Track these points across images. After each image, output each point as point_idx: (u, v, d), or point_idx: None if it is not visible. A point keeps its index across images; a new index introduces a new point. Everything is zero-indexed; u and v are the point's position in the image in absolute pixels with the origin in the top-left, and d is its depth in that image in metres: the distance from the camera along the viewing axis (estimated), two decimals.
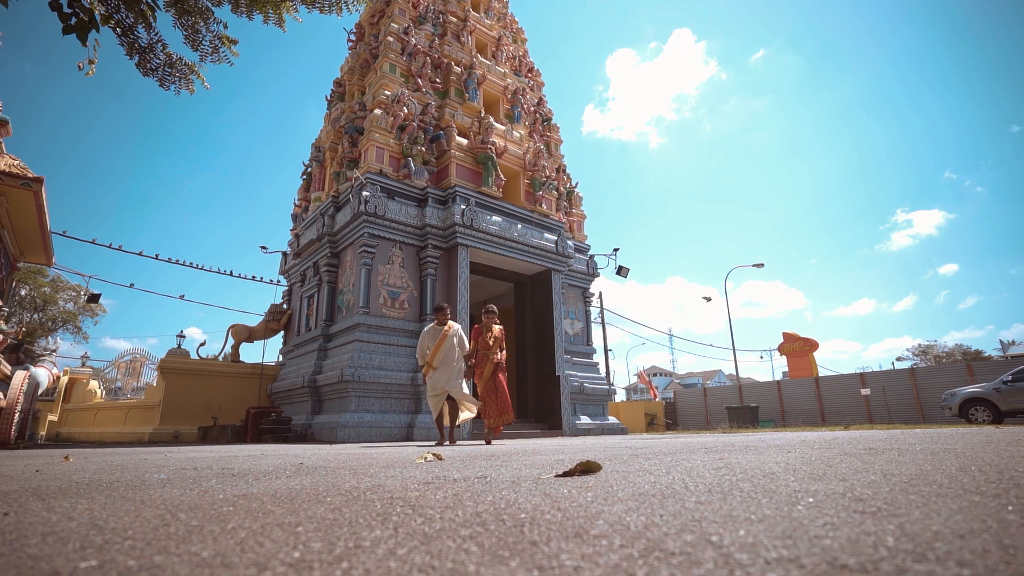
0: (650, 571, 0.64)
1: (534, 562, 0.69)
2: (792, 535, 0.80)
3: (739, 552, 0.71)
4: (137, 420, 10.16)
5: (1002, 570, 0.59)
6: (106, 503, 1.35)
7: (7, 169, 6.51)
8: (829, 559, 0.66)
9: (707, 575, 0.62)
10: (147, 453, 4.33)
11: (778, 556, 0.68)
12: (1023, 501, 1.05)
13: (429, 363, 6.08)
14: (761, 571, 0.62)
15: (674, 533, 0.85)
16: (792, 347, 30.09)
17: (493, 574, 0.64)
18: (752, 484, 1.45)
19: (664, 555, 0.71)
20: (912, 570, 0.60)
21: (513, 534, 0.88)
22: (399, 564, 0.70)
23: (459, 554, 0.74)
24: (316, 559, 0.73)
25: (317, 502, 1.32)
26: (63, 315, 24.88)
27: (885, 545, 0.72)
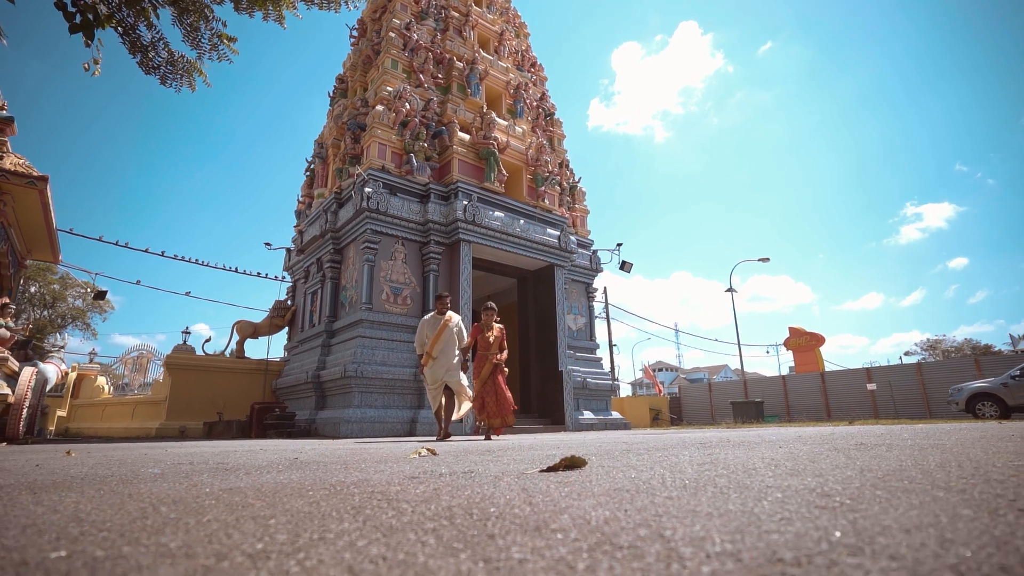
0: (591, 563, 0.66)
1: (483, 554, 0.71)
2: (744, 530, 0.82)
3: (685, 546, 0.73)
4: (144, 415, 10.29)
5: (930, 563, 0.61)
6: (94, 496, 1.39)
7: (12, 168, 6.59)
8: (768, 553, 0.68)
9: (645, 568, 0.64)
10: (149, 448, 4.40)
11: (721, 550, 0.70)
12: (985, 496, 1.06)
13: (428, 353, 5.95)
14: (698, 564, 0.64)
15: (631, 528, 0.87)
16: (798, 342, 29.95)
17: (440, 565, 0.66)
18: (728, 480, 1.47)
19: (612, 548, 0.73)
20: (843, 563, 0.62)
21: (476, 528, 0.90)
22: (353, 555, 0.72)
23: (415, 546, 0.77)
24: (276, 550, 0.76)
25: (298, 496, 1.35)
26: (72, 312, 25.21)
27: (829, 539, 0.74)
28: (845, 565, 0.61)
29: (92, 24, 4.27)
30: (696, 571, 0.61)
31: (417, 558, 0.70)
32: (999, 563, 0.60)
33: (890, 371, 20.24)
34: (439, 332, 5.95)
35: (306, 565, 0.68)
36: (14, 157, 6.74)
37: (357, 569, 0.66)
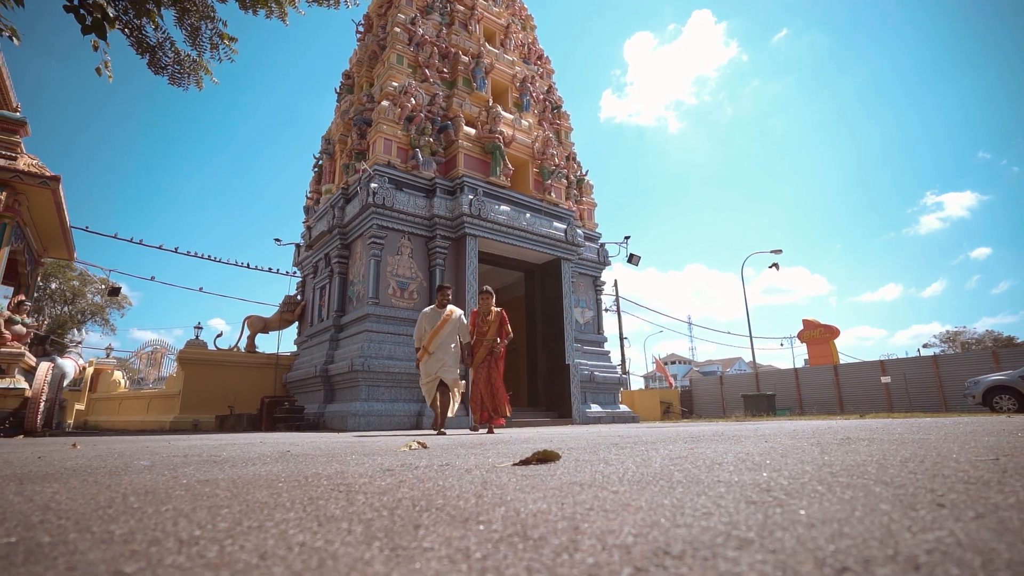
0: (489, 552, 0.70)
1: (395, 543, 0.75)
2: (657, 524, 0.85)
3: (589, 539, 0.76)
4: (158, 409, 10.54)
5: (801, 555, 0.64)
6: (76, 487, 1.45)
7: (26, 168, 6.76)
8: (662, 546, 0.71)
9: (536, 557, 0.67)
10: (154, 441, 4.52)
11: (619, 543, 0.73)
12: (918, 491, 1.08)
13: (425, 347, 5.75)
14: (586, 555, 0.68)
15: (554, 521, 0.91)
16: (812, 334, 29.61)
17: (348, 552, 0.71)
18: (686, 475, 1.49)
19: (520, 540, 0.77)
20: (723, 555, 0.65)
21: (409, 519, 0.95)
22: (276, 542, 0.77)
23: (339, 535, 0.81)
24: (209, 536, 0.81)
25: (266, 487, 1.41)
26: (91, 308, 25.85)
27: (731, 533, 0.77)
28: (723, 557, 0.64)
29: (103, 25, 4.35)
30: (581, 562, 0.64)
31: (332, 545, 0.74)
32: (865, 555, 0.62)
33: (905, 364, 19.95)
34: (438, 327, 5.76)
35: (226, 550, 0.72)
36: (27, 158, 6.92)
37: (270, 554, 0.70)
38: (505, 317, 6.18)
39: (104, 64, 4.98)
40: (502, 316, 6.15)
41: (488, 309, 6.12)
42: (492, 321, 6.03)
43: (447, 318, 5.81)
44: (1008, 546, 0.65)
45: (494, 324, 6.03)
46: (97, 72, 4.99)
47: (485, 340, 5.98)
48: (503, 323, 6.14)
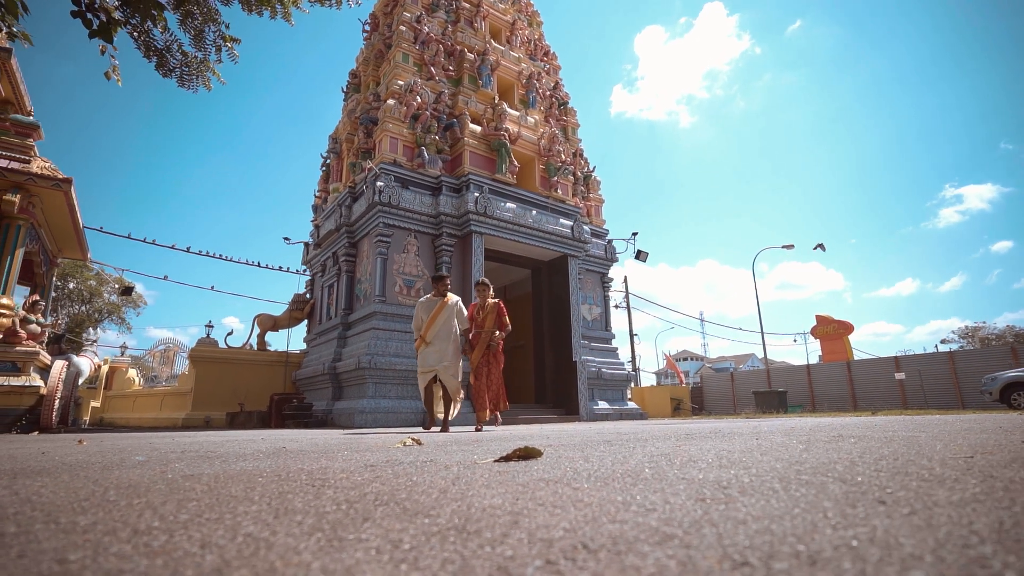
0: (420, 543, 0.73)
1: (336, 535, 0.79)
2: (596, 519, 0.88)
3: (522, 533, 0.79)
4: (171, 406, 10.75)
5: (711, 551, 0.66)
6: (65, 481, 1.51)
7: (40, 171, 6.91)
8: (586, 540, 0.73)
9: (460, 550, 0.70)
10: (160, 437, 4.63)
11: (547, 537, 0.76)
12: (869, 489, 1.09)
13: (422, 336, 5.56)
14: (509, 548, 0.70)
15: (500, 515, 0.93)
16: (826, 330, 29.25)
17: (287, 543, 0.74)
18: (655, 471, 1.51)
19: (456, 533, 0.80)
20: (636, 550, 0.67)
21: (364, 512, 0.98)
22: (224, 533, 0.80)
23: (289, 527, 0.85)
24: (165, 528, 0.85)
25: (245, 482, 1.45)
26: (108, 307, 26.39)
27: (661, 530, 0.79)
28: (636, 552, 0.66)
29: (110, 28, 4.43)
30: (499, 555, 0.67)
31: (276, 536, 0.78)
32: (773, 551, 0.64)
33: (920, 360, 19.66)
34: (434, 314, 5.57)
35: (173, 540, 0.76)
36: (41, 161, 7.08)
37: (211, 543, 0.74)
38: (503, 308, 6.01)
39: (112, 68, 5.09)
40: (499, 307, 5.97)
41: (485, 301, 5.98)
42: (489, 312, 5.88)
43: (444, 305, 5.63)
44: (916, 541, 0.66)
45: (491, 315, 5.87)
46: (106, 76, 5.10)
47: (484, 332, 5.84)
48: (500, 314, 5.96)
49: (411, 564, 0.63)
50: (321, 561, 0.65)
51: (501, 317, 5.96)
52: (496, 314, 5.91)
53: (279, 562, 0.64)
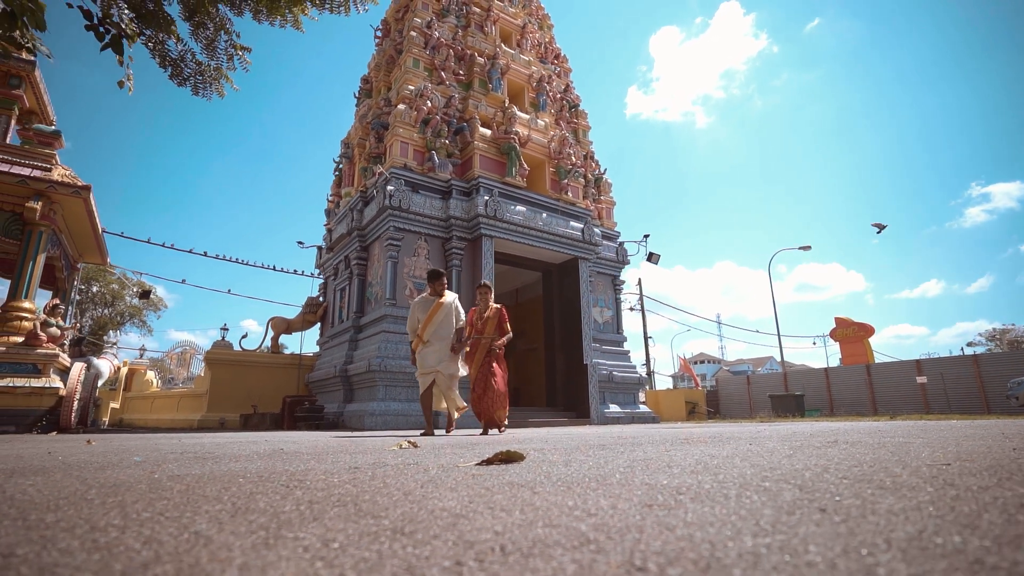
0: (348, 543, 0.76)
1: (277, 534, 0.82)
2: (532, 523, 0.90)
3: (451, 534, 0.82)
4: (188, 408, 10.98)
5: (617, 556, 0.68)
6: (57, 480, 1.57)
7: (60, 179, 7.13)
8: (508, 543, 0.76)
9: (381, 549, 0.73)
10: (168, 438, 4.74)
11: (474, 539, 0.79)
12: (818, 497, 1.09)
13: (420, 336, 5.36)
14: (437, 549, 0.73)
15: (443, 517, 0.96)
16: (845, 333, 28.75)
17: (227, 541, 0.78)
18: (625, 476, 1.53)
19: (391, 533, 0.83)
20: (546, 555, 0.70)
21: (318, 513, 1.01)
22: (173, 531, 0.84)
23: (238, 526, 0.88)
24: (120, 525, 0.89)
25: (224, 482, 1.50)
26: (130, 310, 27.08)
27: (587, 535, 0.81)
28: (546, 556, 0.69)
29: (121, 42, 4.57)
30: (418, 555, 0.70)
31: (220, 535, 0.82)
32: (676, 557, 0.66)
33: (943, 363, 19.21)
34: (431, 314, 5.36)
35: (122, 537, 0.80)
36: (61, 168, 7.31)
37: (154, 540, 0.78)
38: (505, 315, 5.72)
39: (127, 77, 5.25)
40: (501, 314, 5.69)
41: (487, 305, 5.70)
42: (491, 318, 5.59)
43: (440, 304, 5.42)
44: (823, 549, 0.67)
45: (492, 321, 5.59)
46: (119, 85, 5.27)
47: (483, 339, 5.54)
48: (502, 321, 5.68)
49: (327, 562, 0.66)
50: (246, 558, 0.68)
51: (502, 324, 5.68)
52: (498, 321, 5.63)
53: (206, 558, 0.68)
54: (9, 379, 6.48)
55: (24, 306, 6.97)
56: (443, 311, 5.42)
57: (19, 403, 6.48)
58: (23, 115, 8.13)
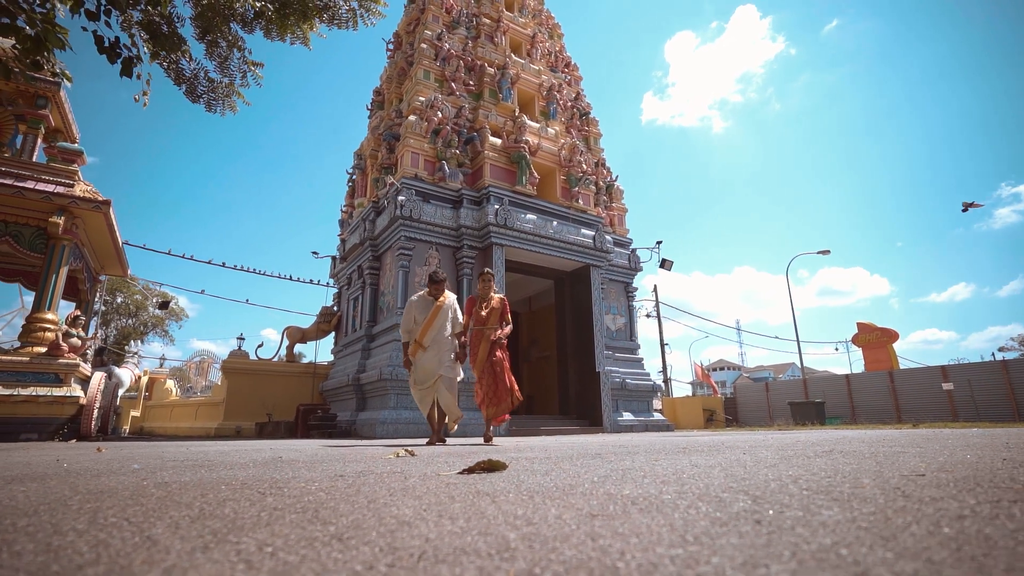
0: (283, 547, 0.80)
1: (220, 538, 0.87)
2: (467, 531, 0.93)
3: (385, 540, 0.85)
4: (205, 416, 11.19)
5: (518, 565, 0.70)
6: (51, 487, 1.65)
7: (82, 195, 7.39)
8: (428, 550, 0.79)
9: (309, 554, 0.77)
10: (176, 446, 4.86)
11: (401, 546, 0.82)
12: (769, 506, 1.10)
13: (418, 341, 4.99)
14: (359, 552, 0.77)
15: (388, 525, 1.00)
16: (868, 338, 28.12)
17: (172, 545, 0.82)
18: (591, 487, 1.54)
19: (328, 539, 0.86)
20: (455, 562, 0.72)
21: (270, 519, 1.06)
22: (128, 536, 0.89)
23: (187, 531, 0.93)
24: (82, 530, 0.94)
25: (205, 490, 1.56)
26: (152, 320, 27.85)
27: (509, 544, 0.84)
28: (452, 563, 0.72)
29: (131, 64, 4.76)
30: (349, 559, 0.74)
31: (168, 540, 0.86)
32: (570, 568, 0.69)
33: (971, 369, 18.68)
34: (431, 316, 5.01)
35: (76, 541, 0.85)
36: (83, 184, 7.58)
37: (103, 543, 0.83)
38: (507, 306, 5.37)
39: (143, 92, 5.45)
40: (504, 304, 5.32)
41: (488, 295, 5.31)
42: (494, 308, 5.23)
43: (440, 305, 5.10)
44: (725, 561, 0.69)
45: (495, 312, 5.22)
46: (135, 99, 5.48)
47: (486, 330, 5.16)
48: (505, 312, 5.31)
49: (249, 564, 0.70)
50: (177, 561, 0.73)
51: (505, 315, 5.33)
52: (501, 312, 5.29)
53: (140, 560, 0.73)
54: (32, 388, 6.71)
55: (47, 317, 7.23)
56: (443, 314, 5.11)
57: (42, 411, 6.70)
58: (49, 133, 8.46)
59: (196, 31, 5.80)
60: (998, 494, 1.15)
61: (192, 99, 6.51)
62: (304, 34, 6.37)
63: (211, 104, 6.54)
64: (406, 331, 5.16)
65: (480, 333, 5.16)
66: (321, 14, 6.00)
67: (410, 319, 5.14)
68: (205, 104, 6.53)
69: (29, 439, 6.70)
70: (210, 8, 5.64)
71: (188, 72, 6.25)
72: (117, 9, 4.65)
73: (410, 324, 5.13)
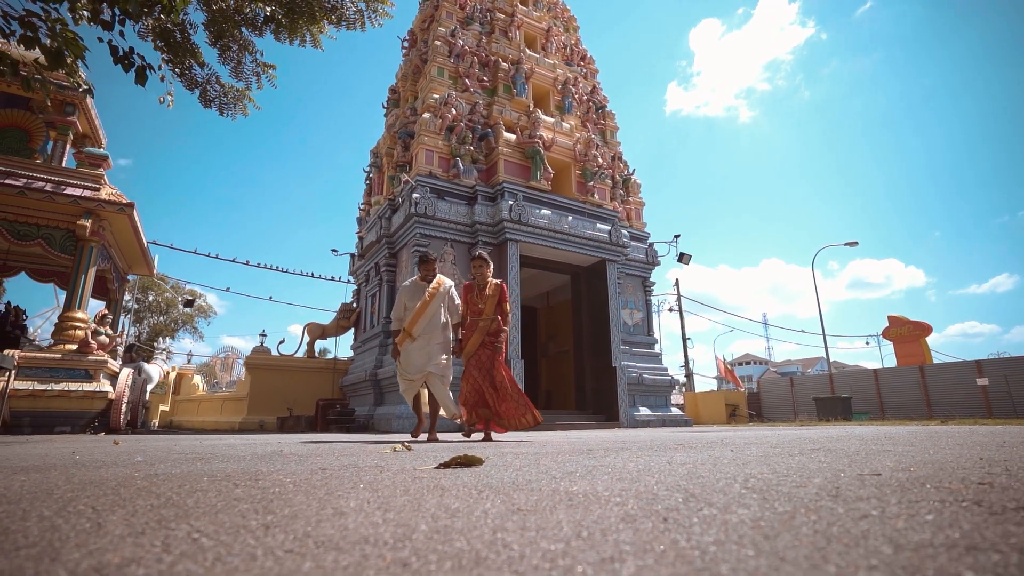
0: (214, 533, 0.87)
1: (164, 527, 0.94)
2: (386, 523, 0.99)
3: (303, 528, 0.92)
4: (230, 410, 11.57)
5: (427, 556, 0.76)
6: (47, 478, 1.77)
7: (107, 198, 7.70)
8: (328, 540, 0.85)
9: (228, 542, 0.84)
10: (193, 440, 5.06)
11: (316, 534, 0.88)
12: (696, 504, 1.13)
13: (407, 330, 4.65)
14: (275, 542, 0.83)
15: (326, 516, 1.06)
16: (900, 332, 27.33)
17: (113, 532, 0.90)
18: (548, 482, 1.59)
19: (252, 529, 0.93)
20: (347, 550, 0.78)
21: (221, 508, 1.14)
22: (85, 520, 0.98)
23: (139, 519, 1.01)
24: (46, 516, 1.03)
25: (183, 481, 1.66)
26: (183, 317, 28.91)
27: (411, 538, 0.89)
28: (345, 550, 0.78)
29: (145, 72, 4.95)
30: (255, 544, 0.80)
31: (112, 526, 0.94)
32: (455, 552, 0.74)
33: (1008, 364, 18.02)
34: (423, 304, 4.65)
35: (32, 526, 0.94)
36: (109, 188, 7.90)
37: (54, 528, 0.91)
38: (505, 292, 4.96)
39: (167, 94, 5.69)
40: (501, 290, 4.90)
41: (484, 281, 4.90)
42: (490, 296, 4.81)
43: (434, 292, 4.74)
44: (598, 554, 0.73)
45: (492, 300, 4.79)
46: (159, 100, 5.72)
47: (481, 321, 4.75)
48: (502, 299, 4.89)
49: (165, 547, 0.77)
50: (107, 544, 0.80)
51: (503, 303, 4.90)
52: (498, 299, 4.85)
53: (73, 544, 0.81)
54: (64, 383, 7.06)
55: (77, 316, 7.58)
56: (436, 301, 4.73)
57: (73, 406, 7.05)
58: (77, 139, 8.83)
59: (208, 36, 5.97)
60: (929, 495, 1.16)
61: (205, 104, 6.72)
62: (314, 36, 6.51)
63: (223, 109, 6.74)
64: (396, 318, 4.85)
65: (475, 324, 4.79)
66: (329, 16, 6.12)
67: (400, 306, 4.83)
68: (217, 108, 6.73)
69: (62, 431, 7.05)
70: (220, 13, 5.80)
71: (200, 78, 6.46)
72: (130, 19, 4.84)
73: (400, 311, 4.82)
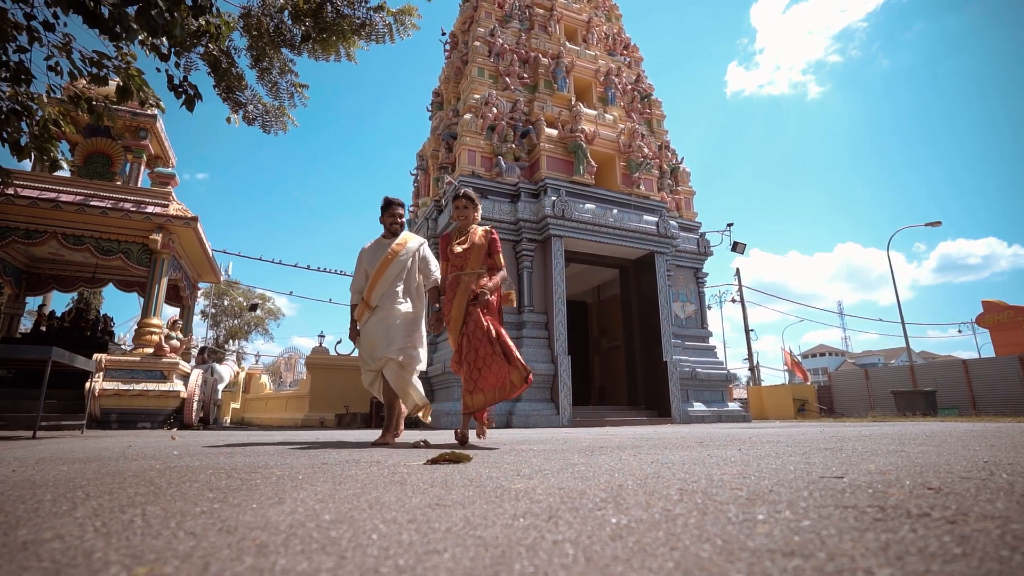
0: (155, 519, 0.95)
1: (120, 510, 1.05)
2: (343, 520, 1.04)
3: (249, 519, 0.99)
4: (294, 408, 12.27)
5: (377, 557, 0.80)
6: (75, 469, 1.97)
7: (175, 213, 8.35)
8: (291, 536, 0.91)
9: (171, 528, 0.92)
10: (238, 435, 5.41)
11: (262, 525, 0.95)
12: (649, 504, 1.11)
13: (365, 300, 3.57)
14: (219, 533, 0.90)
15: (279, 510, 1.13)
16: (997, 318, 24.96)
17: (75, 514, 1.01)
18: (523, 484, 1.60)
19: (197, 515, 1.01)
20: (303, 552, 0.84)
21: (191, 498, 1.24)
22: (63, 503, 1.10)
23: (109, 505, 1.12)
24: (31, 498, 1.16)
25: (189, 473, 1.80)
26: (255, 320, 31.04)
27: (367, 529, 0.94)
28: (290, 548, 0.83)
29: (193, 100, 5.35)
30: (195, 531, 0.88)
31: (80, 511, 1.05)
32: (404, 551, 0.77)
33: None
34: (384, 262, 3.56)
35: (13, 511, 1.07)
36: (176, 204, 8.57)
37: (33, 511, 1.03)
38: (497, 243, 3.50)
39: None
40: (491, 239, 3.50)
41: (468, 226, 3.54)
42: (475, 245, 3.43)
43: (397, 250, 3.63)
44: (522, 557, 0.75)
45: (476, 252, 3.41)
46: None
47: (464, 275, 3.38)
48: (493, 250, 3.49)
49: (107, 530, 0.86)
50: (59, 526, 0.90)
51: (494, 255, 3.47)
52: (486, 251, 3.45)
53: (31, 524, 0.91)
54: (143, 383, 7.76)
55: (152, 322, 8.30)
56: (400, 260, 3.60)
57: (151, 404, 7.74)
58: (150, 160, 9.63)
59: (250, 59, 6.35)
60: (866, 502, 1.08)
61: (248, 123, 7.16)
62: (347, 51, 6.79)
63: (266, 126, 7.16)
64: (355, 290, 3.74)
65: (457, 280, 3.39)
66: (359, 31, 6.35)
67: (361, 274, 3.71)
68: (260, 126, 7.16)
69: (144, 427, 7.74)
70: (260, 37, 6.15)
71: (244, 100, 6.89)
72: (183, 49, 5.24)
73: (361, 281, 3.69)
